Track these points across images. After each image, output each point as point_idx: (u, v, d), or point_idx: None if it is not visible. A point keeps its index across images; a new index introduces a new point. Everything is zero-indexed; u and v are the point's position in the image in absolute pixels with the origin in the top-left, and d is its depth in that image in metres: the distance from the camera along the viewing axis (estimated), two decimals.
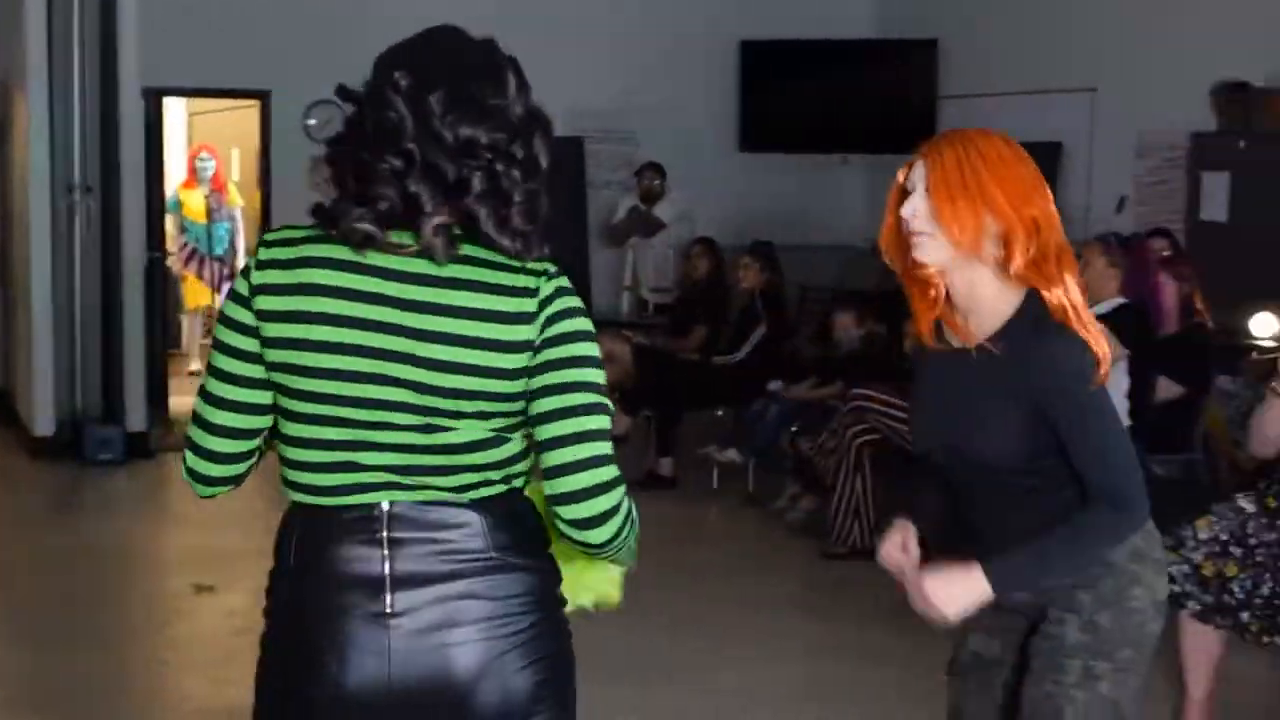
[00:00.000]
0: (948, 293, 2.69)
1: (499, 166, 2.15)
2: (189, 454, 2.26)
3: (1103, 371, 2.63)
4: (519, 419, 2.18)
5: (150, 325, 9.25)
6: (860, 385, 6.84)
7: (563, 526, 2.16)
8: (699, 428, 8.54)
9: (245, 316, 2.17)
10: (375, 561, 2.16)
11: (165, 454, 8.90)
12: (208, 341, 12.28)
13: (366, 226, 2.09)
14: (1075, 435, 2.62)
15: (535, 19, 11.29)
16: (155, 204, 9.97)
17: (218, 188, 11.94)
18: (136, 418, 8.92)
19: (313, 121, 10.97)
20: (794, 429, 7.29)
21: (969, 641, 2.90)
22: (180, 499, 7.95)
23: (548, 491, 2.16)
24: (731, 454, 7.66)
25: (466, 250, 2.13)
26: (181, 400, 10.29)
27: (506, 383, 2.13)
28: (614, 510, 2.15)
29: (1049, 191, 2.69)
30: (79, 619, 5.75)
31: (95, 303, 8.86)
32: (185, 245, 11.95)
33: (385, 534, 2.16)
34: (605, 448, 2.16)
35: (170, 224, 11.50)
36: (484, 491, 2.18)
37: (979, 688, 2.89)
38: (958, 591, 2.61)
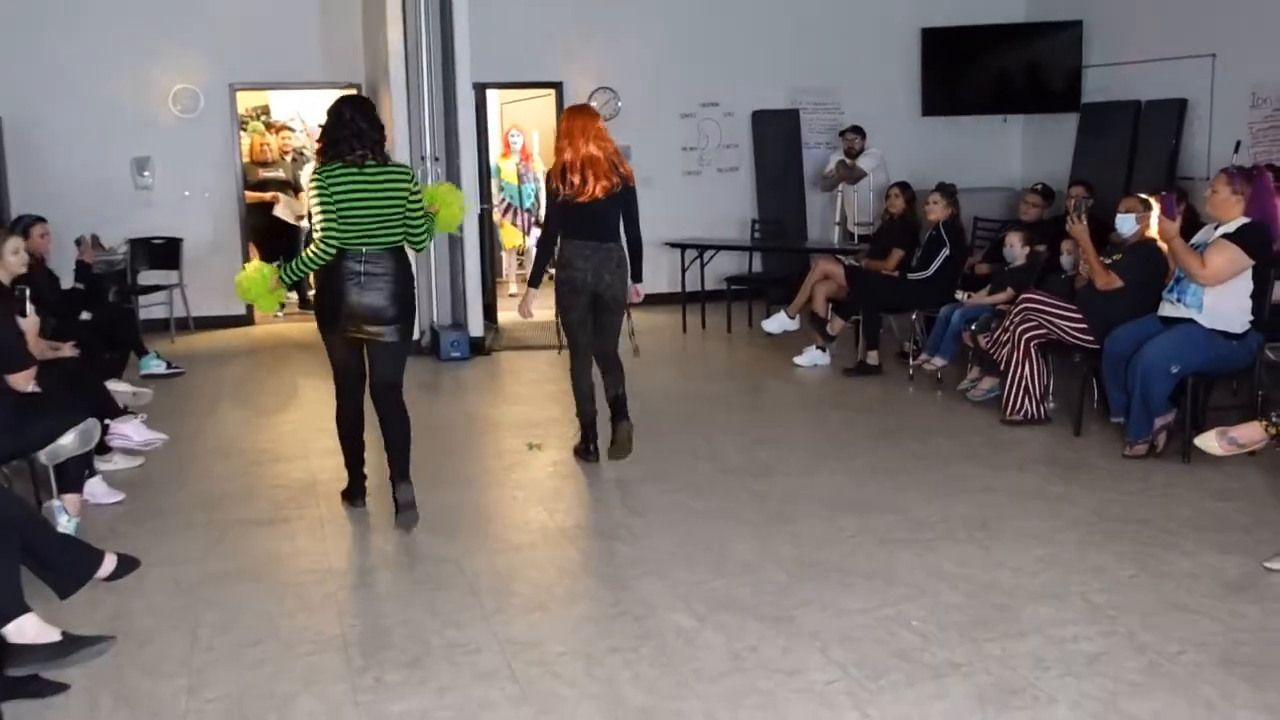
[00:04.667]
0: None
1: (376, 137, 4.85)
2: (321, 253, 4.76)
3: None
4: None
5: (483, 259, 9.57)
6: (1028, 292, 6.72)
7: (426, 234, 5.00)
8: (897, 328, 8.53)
9: (330, 198, 4.70)
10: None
11: (497, 352, 9.23)
12: (522, 271, 12.67)
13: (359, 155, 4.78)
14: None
15: (761, 24, 11.24)
16: (483, 169, 10.27)
17: (525, 157, 12.23)
18: (476, 326, 9.24)
19: (595, 104, 11.13)
20: (973, 327, 7.20)
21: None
22: (511, 383, 8.24)
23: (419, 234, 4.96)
24: (937, 360, 7.47)
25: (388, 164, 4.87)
26: (506, 315, 10.68)
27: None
28: (428, 233, 5.01)
29: None
30: (449, 468, 6.01)
31: (444, 242, 9.21)
32: (503, 200, 12.29)
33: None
34: (424, 216, 4.95)
35: (493, 184, 11.85)
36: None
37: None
38: None
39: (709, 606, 4.13)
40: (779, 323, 8.67)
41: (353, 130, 4.73)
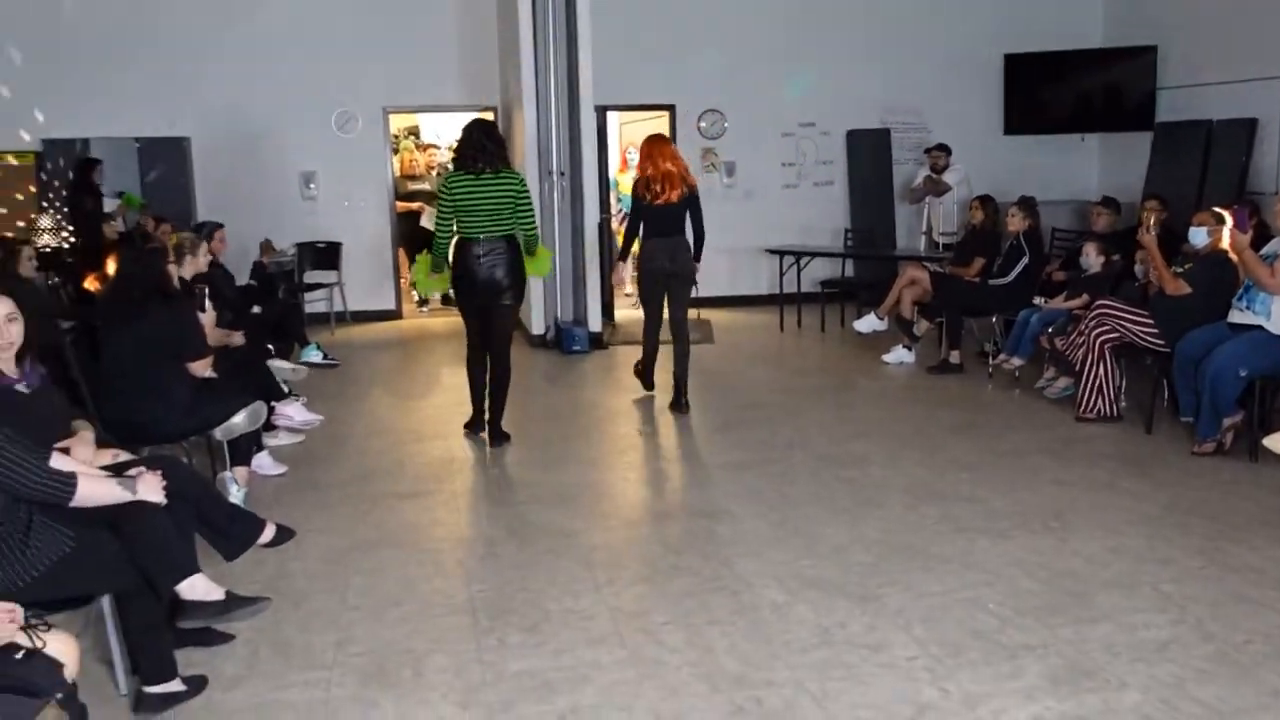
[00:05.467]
0: None
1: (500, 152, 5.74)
2: (438, 238, 5.93)
3: None
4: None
5: (601, 263, 9.54)
6: (1103, 298, 6.45)
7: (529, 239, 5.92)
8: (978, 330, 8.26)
9: (449, 198, 5.68)
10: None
11: (615, 346, 9.20)
12: (635, 273, 12.45)
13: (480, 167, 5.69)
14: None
15: (855, 50, 11.01)
16: (603, 182, 10.25)
17: None
18: (595, 322, 9.23)
19: (703, 124, 11.05)
20: (1050, 330, 6.94)
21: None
22: (625, 375, 8.16)
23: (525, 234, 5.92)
24: (1016, 360, 7.23)
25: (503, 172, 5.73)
26: (623, 313, 10.66)
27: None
28: (536, 237, 5.97)
29: None
30: (569, 450, 6.00)
31: (568, 247, 9.21)
32: (620, 211, 12.24)
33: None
34: (531, 211, 5.88)
35: (611, 196, 11.82)
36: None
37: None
38: None
39: (800, 584, 4.04)
40: (869, 323, 8.49)
41: (477, 146, 5.66)
